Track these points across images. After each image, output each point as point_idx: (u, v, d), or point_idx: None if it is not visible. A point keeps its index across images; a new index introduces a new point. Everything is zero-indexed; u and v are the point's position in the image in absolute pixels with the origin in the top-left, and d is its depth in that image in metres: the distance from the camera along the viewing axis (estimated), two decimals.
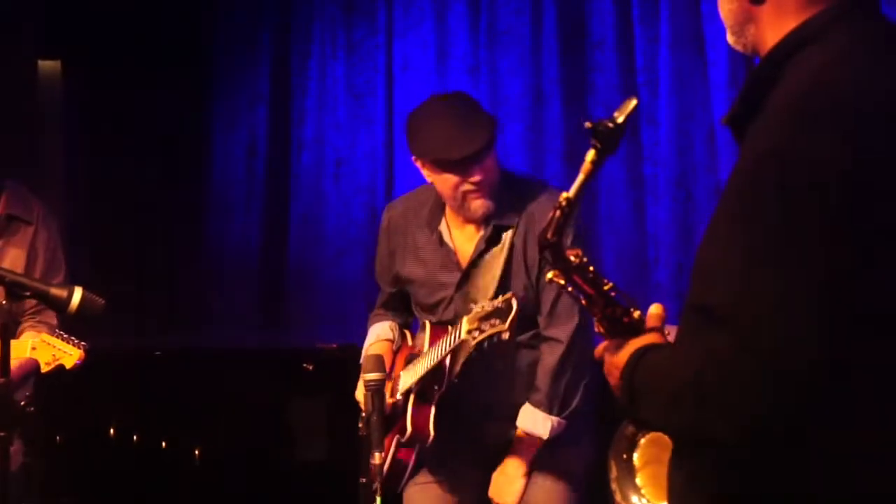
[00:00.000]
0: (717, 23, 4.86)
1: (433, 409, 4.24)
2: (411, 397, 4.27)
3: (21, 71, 7.11)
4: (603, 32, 6.24)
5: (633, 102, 2.46)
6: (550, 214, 2.42)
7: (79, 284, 3.58)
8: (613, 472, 2.98)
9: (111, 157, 7.33)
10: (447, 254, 4.17)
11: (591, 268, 2.51)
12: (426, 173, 4.03)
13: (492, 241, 4.06)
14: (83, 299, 3.54)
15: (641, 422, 2.62)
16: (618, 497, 2.96)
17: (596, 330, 2.52)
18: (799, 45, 2.30)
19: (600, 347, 2.49)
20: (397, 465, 4.40)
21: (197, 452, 5.88)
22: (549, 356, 3.78)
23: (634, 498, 2.92)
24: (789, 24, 2.33)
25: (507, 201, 4.06)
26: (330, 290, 7.07)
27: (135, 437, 5.90)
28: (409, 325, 4.53)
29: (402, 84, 7.05)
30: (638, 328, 2.47)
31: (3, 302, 3.37)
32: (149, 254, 7.46)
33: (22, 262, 4.22)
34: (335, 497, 4.93)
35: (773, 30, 2.37)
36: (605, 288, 2.49)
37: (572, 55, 6.35)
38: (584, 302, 2.52)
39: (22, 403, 4.43)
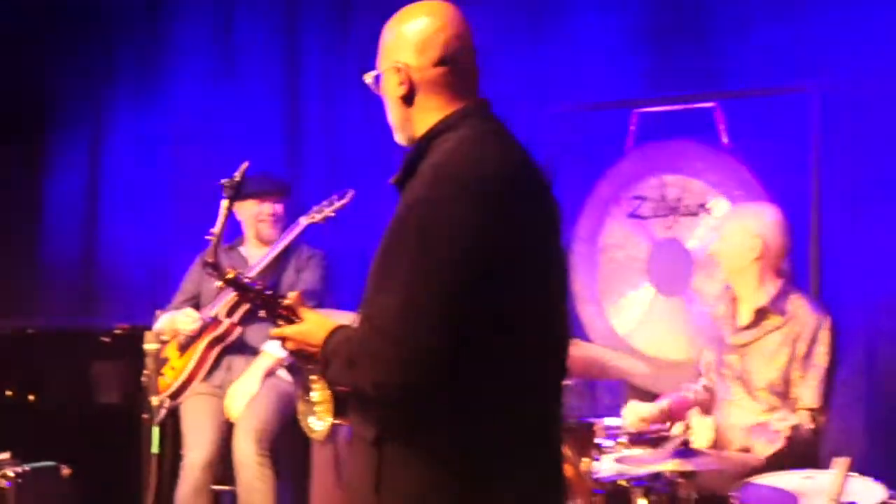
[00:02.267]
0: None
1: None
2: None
3: None
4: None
5: (246, 164, 2.99)
6: (211, 241, 2.98)
7: None
8: (301, 408, 2.96)
9: None
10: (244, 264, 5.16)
11: (246, 278, 2.98)
12: None
13: None
14: None
15: (331, 380, 2.74)
16: (303, 422, 2.98)
17: (260, 315, 2.90)
18: (440, 133, 2.66)
19: (287, 330, 2.76)
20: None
21: (32, 398, 6.45)
22: None
23: (311, 418, 2.92)
24: (433, 119, 2.69)
25: None
26: (126, 289, 7.50)
27: None
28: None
29: None
30: (293, 311, 2.79)
31: None
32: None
33: None
34: (128, 429, 5.46)
35: (422, 124, 2.71)
36: (258, 288, 2.91)
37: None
38: (247, 300, 2.96)
39: None
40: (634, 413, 4.77)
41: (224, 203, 2.93)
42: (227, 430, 5.43)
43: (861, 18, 5.52)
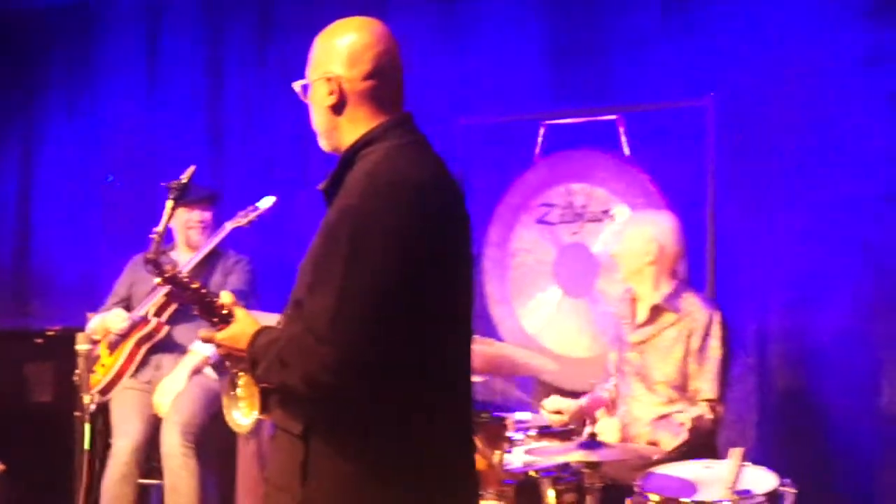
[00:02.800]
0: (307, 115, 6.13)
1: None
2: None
3: None
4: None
5: (193, 168, 2.95)
6: (154, 240, 2.89)
7: None
8: (226, 403, 2.92)
9: None
10: None
11: (184, 276, 2.91)
12: None
13: None
14: None
15: (259, 378, 2.67)
16: (227, 416, 2.96)
17: (195, 313, 2.83)
18: (367, 144, 2.68)
19: (217, 334, 2.74)
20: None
21: None
22: None
23: (236, 413, 2.88)
24: (361, 130, 2.70)
25: None
26: (58, 292, 7.44)
27: None
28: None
29: None
30: (229, 311, 2.76)
31: None
32: None
33: None
34: (60, 426, 5.38)
35: (350, 133, 2.71)
36: (195, 286, 2.85)
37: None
38: (183, 297, 2.86)
39: None
40: (554, 405, 4.83)
41: (169, 204, 2.89)
42: (154, 423, 5.46)
43: (750, 34, 5.65)
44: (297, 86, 2.84)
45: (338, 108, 2.72)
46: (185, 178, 2.91)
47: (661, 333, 4.77)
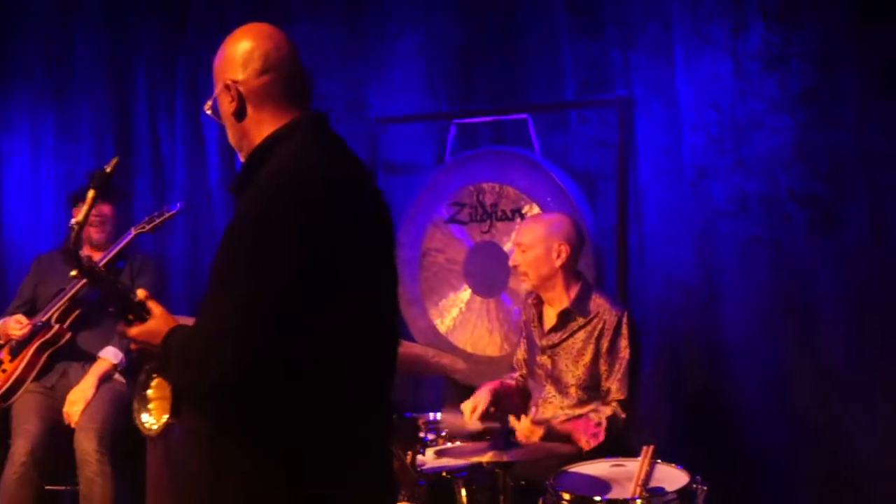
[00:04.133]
0: (212, 124, 5.64)
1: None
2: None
3: None
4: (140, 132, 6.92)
5: (116, 159, 2.92)
6: (73, 230, 2.82)
7: None
8: (136, 406, 2.94)
9: None
10: None
11: (101, 269, 2.90)
12: None
13: None
14: None
15: (167, 377, 2.76)
16: (137, 418, 2.96)
17: (111, 310, 2.82)
18: (275, 143, 2.69)
19: (132, 329, 2.74)
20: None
21: None
22: None
23: (146, 415, 2.89)
24: (267, 130, 2.72)
25: None
26: None
27: None
28: None
29: None
30: (145, 307, 2.76)
31: None
32: None
33: None
34: None
35: (257, 135, 2.73)
36: (111, 280, 2.87)
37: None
38: (100, 289, 2.85)
39: None
40: (467, 405, 4.79)
41: (90, 193, 2.84)
42: (55, 428, 5.43)
43: (654, 35, 5.62)
44: (208, 108, 2.87)
45: (240, 113, 2.74)
46: (108, 168, 2.87)
47: (571, 337, 4.77)
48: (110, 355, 5.45)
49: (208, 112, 2.88)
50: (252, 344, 2.43)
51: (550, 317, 4.86)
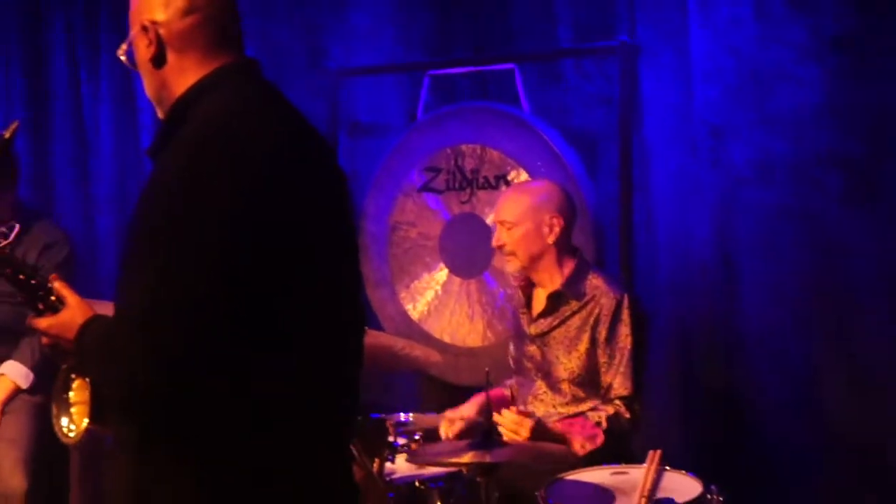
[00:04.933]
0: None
1: None
2: None
3: None
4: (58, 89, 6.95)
5: (17, 122, 3.13)
6: None
7: None
8: (55, 410, 3.03)
9: None
10: None
11: (14, 257, 2.91)
12: None
13: None
14: None
15: (85, 376, 2.86)
16: (56, 424, 3.07)
17: (20, 299, 2.84)
18: (199, 94, 2.66)
19: (42, 323, 2.75)
20: None
21: None
22: None
23: (65, 420, 3.00)
24: (190, 79, 2.68)
25: None
26: None
27: None
28: None
29: None
30: (58, 297, 2.77)
31: None
32: None
33: None
34: None
35: (178, 85, 2.70)
36: (17, 262, 2.88)
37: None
38: (12, 281, 2.86)
39: None
40: (454, 414, 4.79)
41: None
42: None
43: None
44: (121, 53, 2.82)
45: (158, 59, 2.69)
46: (7, 133, 2.93)
47: (564, 323, 4.70)
48: (15, 374, 5.31)
49: (122, 58, 2.81)
50: (173, 339, 2.37)
51: (540, 300, 4.78)
